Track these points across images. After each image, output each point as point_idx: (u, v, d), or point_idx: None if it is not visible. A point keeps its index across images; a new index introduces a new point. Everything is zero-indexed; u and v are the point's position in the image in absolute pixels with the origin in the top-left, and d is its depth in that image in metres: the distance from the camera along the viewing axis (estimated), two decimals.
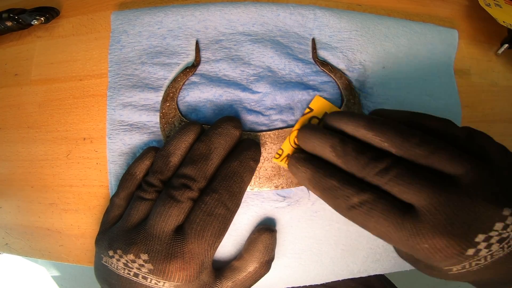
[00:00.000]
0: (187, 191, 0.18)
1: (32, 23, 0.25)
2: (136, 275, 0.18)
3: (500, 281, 0.17)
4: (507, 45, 0.28)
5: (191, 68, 0.24)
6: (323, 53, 0.24)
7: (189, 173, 0.19)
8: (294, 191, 0.23)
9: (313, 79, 0.24)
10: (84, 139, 0.24)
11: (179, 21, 0.24)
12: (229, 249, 0.23)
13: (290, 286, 0.24)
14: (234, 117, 0.21)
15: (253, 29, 0.24)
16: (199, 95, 0.23)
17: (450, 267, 0.16)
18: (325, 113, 0.22)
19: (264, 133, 0.23)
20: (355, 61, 0.24)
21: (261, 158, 0.22)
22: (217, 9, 0.24)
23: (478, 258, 0.15)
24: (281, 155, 0.22)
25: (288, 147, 0.22)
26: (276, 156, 0.22)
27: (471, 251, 0.15)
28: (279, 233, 0.23)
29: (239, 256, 0.22)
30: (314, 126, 0.20)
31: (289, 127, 0.23)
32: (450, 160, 0.16)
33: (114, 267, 0.18)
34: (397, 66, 0.25)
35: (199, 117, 0.23)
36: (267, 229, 0.22)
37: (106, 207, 0.23)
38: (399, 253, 0.21)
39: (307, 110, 0.22)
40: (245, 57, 0.24)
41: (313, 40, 0.25)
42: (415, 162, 0.17)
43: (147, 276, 0.17)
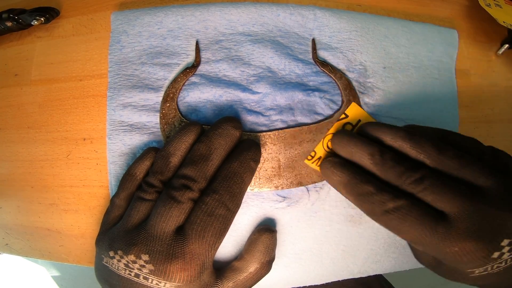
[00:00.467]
0: (188, 191, 0.18)
1: (32, 23, 0.25)
2: (137, 275, 0.18)
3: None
4: (507, 45, 0.28)
5: (191, 68, 0.24)
6: (323, 54, 0.24)
7: (190, 174, 0.19)
8: (294, 192, 0.23)
9: (313, 80, 0.24)
10: (84, 139, 0.24)
11: (179, 21, 0.24)
12: (229, 249, 0.23)
13: (290, 286, 0.24)
14: (234, 117, 0.21)
15: (253, 30, 0.24)
16: (199, 96, 0.23)
17: (473, 269, 0.17)
18: (359, 120, 0.22)
19: (264, 133, 0.23)
20: (355, 61, 0.24)
21: (261, 158, 0.22)
22: (217, 9, 0.24)
23: (500, 261, 0.17)
24: (313, 157, 0.22)
25: (321, 150, 0.22)
26: (308, 157, 0.22)
27: (496, 254, 0.17)
28: (279, 234, 0.23)
29: (239, 256, 0.22)
30: (352, 132, 0.21)
31: (289, 127, 0.23)
32: (480, 173, 0.18)
33: (115, 268, 0.18)
34: (397, 66, 0.25)
35: (199, 117, 0.23)
36: (267, 229, 0.22)
37: (106, 207, 0.23)
38: (419, 258, 0.22)
39: (343, 116, 0.23)
40: (245, 58, 0.24)
41: (313, 40, 0.25)
42: (447, 173, 0.18)
43: (148, 276, 0.17)
